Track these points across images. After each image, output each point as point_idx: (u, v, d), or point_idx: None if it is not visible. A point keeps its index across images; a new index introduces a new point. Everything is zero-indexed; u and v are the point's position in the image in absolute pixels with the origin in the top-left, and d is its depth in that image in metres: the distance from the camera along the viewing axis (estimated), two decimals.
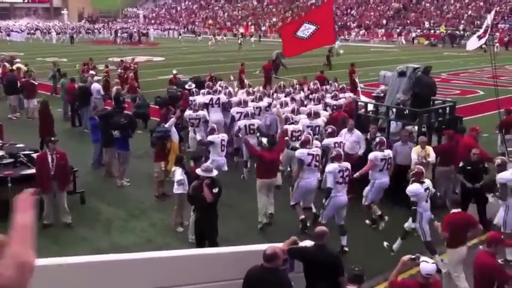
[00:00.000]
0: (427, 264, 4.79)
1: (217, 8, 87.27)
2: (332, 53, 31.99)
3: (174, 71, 19.10)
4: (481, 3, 58.03)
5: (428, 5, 64.10)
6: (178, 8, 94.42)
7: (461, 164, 8.85)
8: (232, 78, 18.85)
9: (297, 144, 9.71)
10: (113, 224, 9.13)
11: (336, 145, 9.63)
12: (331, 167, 8.03)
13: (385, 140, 9.10)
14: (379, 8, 68.11)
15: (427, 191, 7.44)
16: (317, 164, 8.72)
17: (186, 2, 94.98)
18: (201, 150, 11.11)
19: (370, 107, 11.25)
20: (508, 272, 5.35)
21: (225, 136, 10.49)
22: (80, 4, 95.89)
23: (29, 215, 1.05)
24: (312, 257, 5.41)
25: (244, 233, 8.73)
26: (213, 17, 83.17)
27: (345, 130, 10.22)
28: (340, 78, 18.36)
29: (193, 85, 15.27)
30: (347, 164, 8.15)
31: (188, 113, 12.21)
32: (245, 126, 11.28)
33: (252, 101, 12.75)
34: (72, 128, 16.22)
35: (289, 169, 10.92)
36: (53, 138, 9.02)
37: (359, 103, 11.69)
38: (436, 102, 11.17)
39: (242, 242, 7.12)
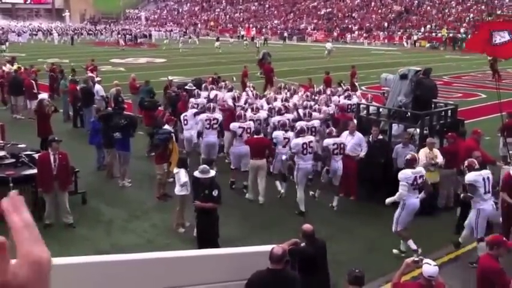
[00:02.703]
0: (429, 267, 4.77)
1: (218, 10, 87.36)
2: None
3: (170, 77, 18.33)
4: (483, 7, 58.02)
5: (429, 8, 64.12)
6: (180, 10, 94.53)
7: (463, 167, 8.84)
8: (234, 79, 18.84)
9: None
10: (114, 224, 9.12)
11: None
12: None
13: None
14: (380, 11, 68.12)
15: (286, 139, 9.78)
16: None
17: (188, 4, 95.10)
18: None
19: (372, 109, 11.24)
20: (508, 276, 5.31)
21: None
22: (82, 5, 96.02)
23: (25, 214, 1.00)
24: (311, 256, 5.50)
25: (244, 233, 8.71)
26: (215, 19, 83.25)
27: (346, 132, 10.21)
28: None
29: (194, 87, 15.30)
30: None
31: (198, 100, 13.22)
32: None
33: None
34: (73, 128, 16.21)
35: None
36: (56, 138, 9.01)
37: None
38: (438, 105, 11.16)
39: (243, 242, 7.12)
